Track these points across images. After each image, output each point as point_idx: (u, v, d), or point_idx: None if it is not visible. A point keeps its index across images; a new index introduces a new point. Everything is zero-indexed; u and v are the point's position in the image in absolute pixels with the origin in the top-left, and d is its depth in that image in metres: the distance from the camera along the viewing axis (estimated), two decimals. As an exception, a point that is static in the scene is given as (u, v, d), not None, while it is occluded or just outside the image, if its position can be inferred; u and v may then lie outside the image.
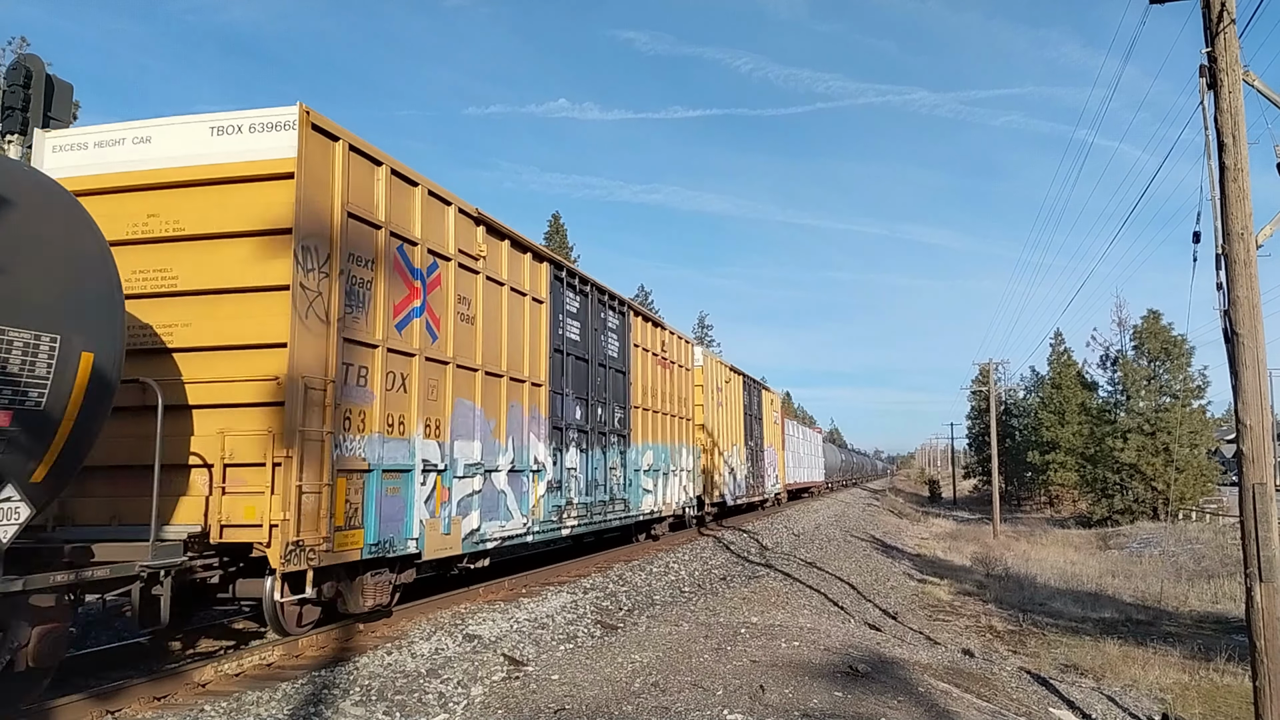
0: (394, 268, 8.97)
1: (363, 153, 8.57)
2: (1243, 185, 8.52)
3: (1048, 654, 16.99)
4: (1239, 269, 8.43)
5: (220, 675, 7.18)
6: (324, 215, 7.95)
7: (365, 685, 7.12)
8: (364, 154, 8.59)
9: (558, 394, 13.02)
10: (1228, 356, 8.63)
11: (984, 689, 10.62)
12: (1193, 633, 18.46)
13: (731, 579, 15.78)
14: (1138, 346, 47.66)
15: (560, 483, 12.94)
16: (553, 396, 12.79)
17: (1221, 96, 8.60)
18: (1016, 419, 76.38)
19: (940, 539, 41.20)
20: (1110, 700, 12.62)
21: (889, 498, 79.14)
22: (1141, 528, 39.71)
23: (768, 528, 26.72)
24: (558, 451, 12.93)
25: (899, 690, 8.04)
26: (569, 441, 13.40)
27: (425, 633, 8.89)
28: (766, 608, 13.50)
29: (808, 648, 9.42)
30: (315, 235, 7.77)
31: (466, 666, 7.82)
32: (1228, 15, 8.57)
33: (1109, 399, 50.63)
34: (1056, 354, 69.51)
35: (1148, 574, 26.36)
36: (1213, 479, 45.59)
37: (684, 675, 7.72)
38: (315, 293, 7.72)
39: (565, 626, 9.98)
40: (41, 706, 5.85)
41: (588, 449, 14.18)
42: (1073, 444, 55.58)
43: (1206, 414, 46.21)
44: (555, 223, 61.83)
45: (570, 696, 6.98)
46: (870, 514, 49.87)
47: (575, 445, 13.64)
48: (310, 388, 7.56)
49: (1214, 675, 14.90)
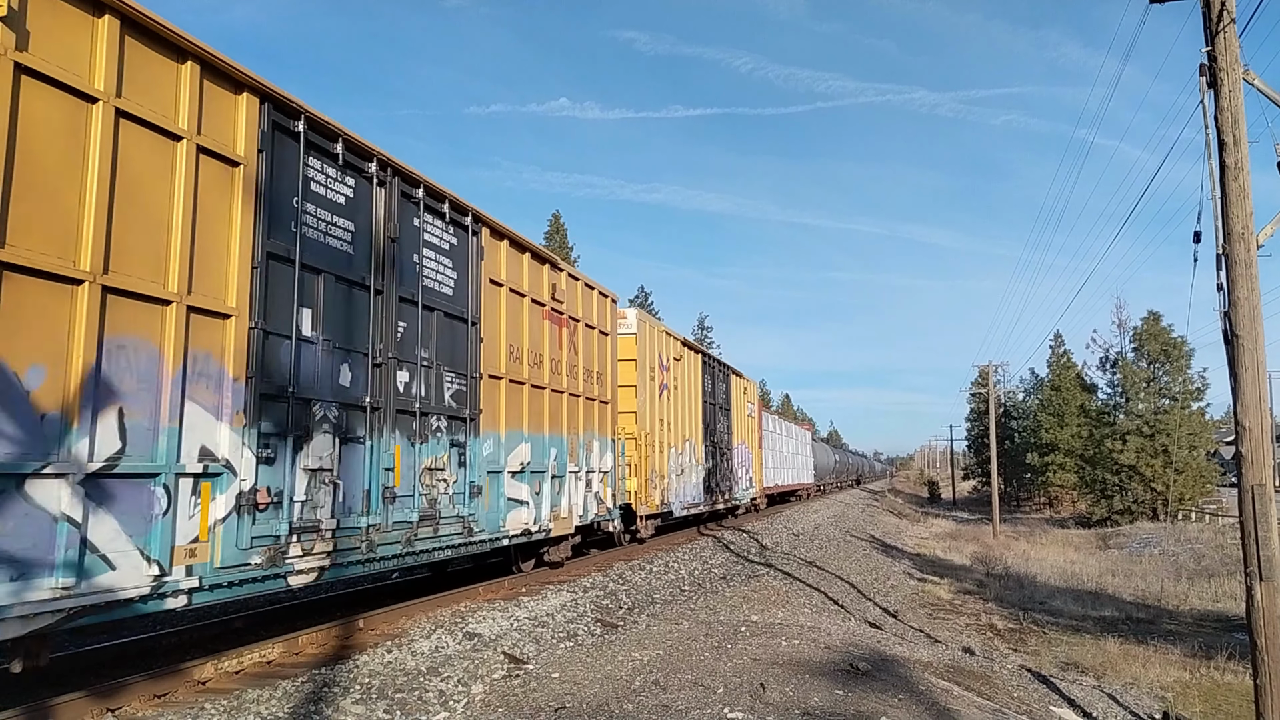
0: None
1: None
2: (1243, 184, 8.52)
3: (1048, 652, 17.01)
4: (1239, 269, 8.44)
5: (220, 673, 7.18)
6: None
7: (365, 683, 7.12)
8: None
9: (279, 338, 7.50)
10: (1227, 359, 8.63)
11: (984, 687, 10.62)
12: (1193, 631, 18.47)
13: (732, 578, 15.78)
14: (1137, 348, 47.67)
15: (283, 495, 7.42)
16: (263, 341, 7.26)
17: (1222, 95, 8.61)
18: (1016, 421, 76.39)
19: (940, 539, 41.20)
20: (1111, 698, 12.62)
21: (888, 498, 79.13)
22: (1141, 528, 39.71)
23: (767, 528, 26.72)
24: (274, 441, 7.37)
25: (900, 688, 8.04)
26: (313, 424, 7.83)
27: (425, 631, 8.90)
28: (767, 606, 13.50)
29: (808, 646, 9.42)
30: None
31: (467, 665, 7.82)
32: (1228, 14, 8.58)
33: (1108, 401, 50.62)
34: (1056, 356, 69.59)
35: (1148, 573, 26.38)
36: (1212, 480, 45.59)
37: (684, 673, 7.72)
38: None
39: (566, 625, 9.98)
40: (42, 704, 5.85)
41: (366, 437, 8.56)
42: (1072, 446, 55.61)
43: (1206, 416, 46.20)
44: (555, 222, 61.85)
45: (571, 695, 6.98)
46: (870, 514, 49.87)
47: (332, 431, 8.06)
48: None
49: (1215, 673, 14.93)
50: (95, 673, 7.28)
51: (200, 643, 8.51)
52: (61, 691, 6.25)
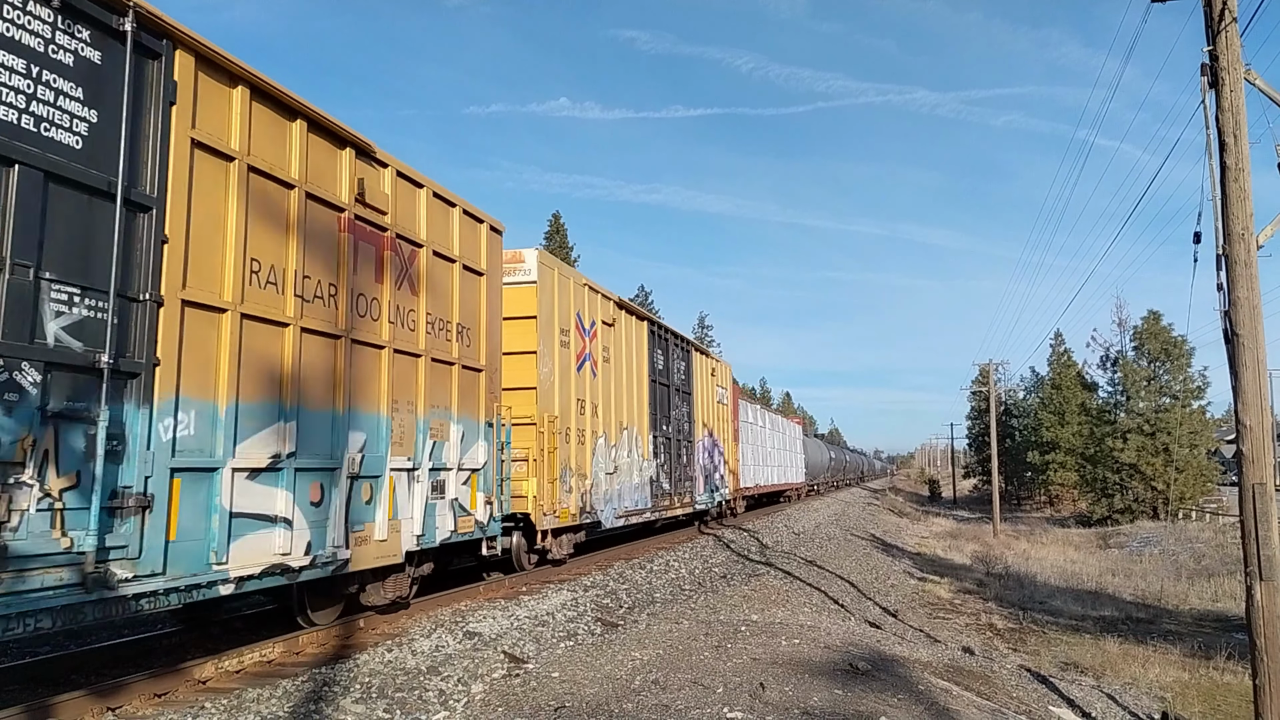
0: None
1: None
2: (1244, 185, 8.52)
3: (1048, 652, 17.01)
4: (1239, 269, 8.44)
5: (221, 672, 7.19)
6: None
7: (366, 683, 7.13)
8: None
9: None
10: (1228, 357, 8.63)
11: (984, 687, 10.62)
12: (1193, 631, 18.47)
13: (732, 577, 15.79)
14: (1138, 347, 47.70)
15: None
16: None
17: (1223, 95, 8.60)
18: (1016, 419, 76.42)
19: (940, 538, 41.22)
20: (1110, 698, 12.63)
21: (889, 497, 79.16)
22: (1141, 527, 39.72)
23: (768, 527, 26.73)
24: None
25: (899, 688, 8.05)
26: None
27: (425, 630, 8.91)
28: (767, 605, 13.52)
29: (808, 645, 9.43)
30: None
31: (467, 664, 7.83)
32: (1229, 13, 8.57)
33: (1109, 399, 50.65)
34: (1057, 354, 69.66)
35: (1148, 572, 26.39)
36: (1212, 479, 45.64)
37: (684, 673, 7.73)
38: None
39: (566, 624, 9.99)
40: (43, 703, 5.86)
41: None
42: (1073, 444, 55.68)
43: (1206, 414, 46.24)
44: (555, 222, 61.90)
45: (571, 694, 6.99)
46: (870, 513, 49.89)
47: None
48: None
49: (1214, 673, 14.93)
50: (96, 672, 7.29)
51: (200, 642, 8.51)
52: (61, 691, 6.26)
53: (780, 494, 40.18)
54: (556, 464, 13.04)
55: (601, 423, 15.31)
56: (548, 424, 12.90)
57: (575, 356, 14.28)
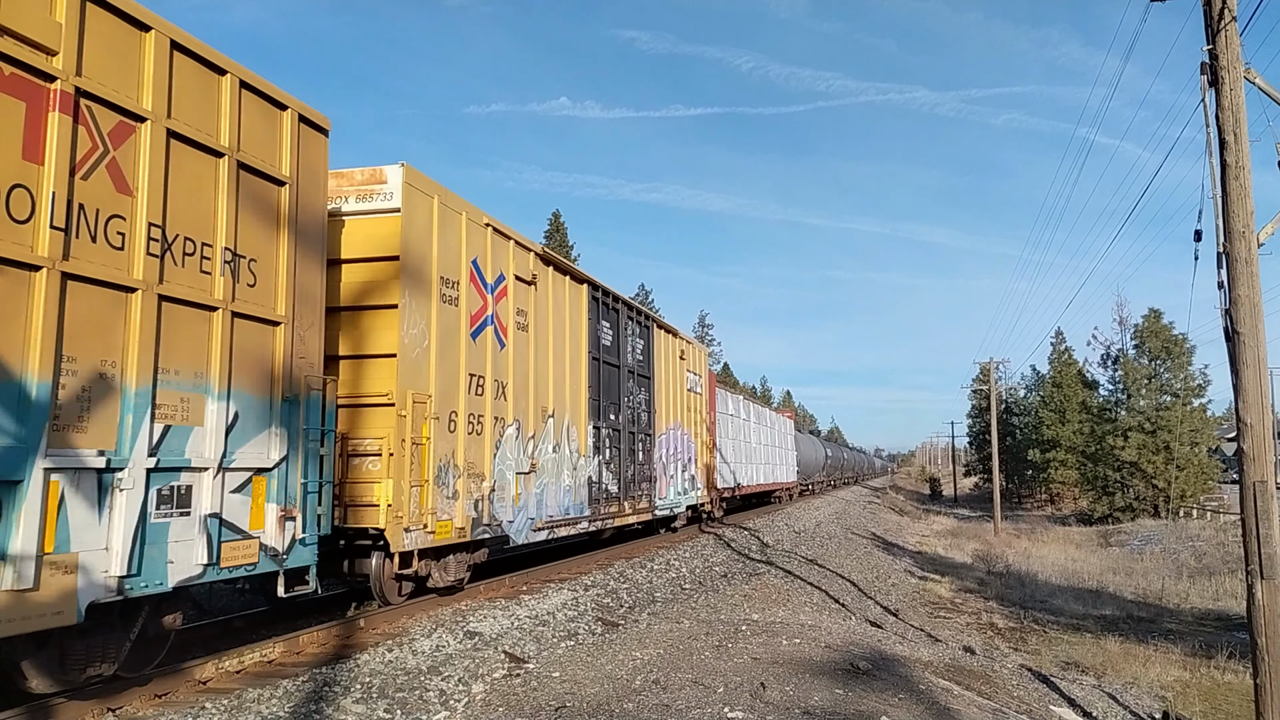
0: None
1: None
2: (1244, 183, 8.51)
3: (1049, 651, 17.02)
4: (1240, 267, 8.43)
5: (221, 672, 7.19)
6: None
7: (366, 683, 7.13)
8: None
9: None
10: (1229, 355, 8.62)
11: (985, 686, 10.62)
12: (1194, 630, 18.48)
13: (732, 576, 15.79)
14: (1138, 345, 47.73)
15: None
16: None
17: (1223, 94, 8.59)
18: (1017, 417, 76.45)
19: (941, 536, 41.23)
20: (1111, 698, 12.63)
21: (890, 495, 79.20)
22: (1142, 525, 39.73)
23: (769, 525, 26.74)
24: None
25: (900, 687, 8.04)
26: None
27: (426, 630, 8.91)
28: (767, 605, 13.52)
29: (809, 645, 9.43)
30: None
31: (467, 664, 7.83)
32: (1229, 12, 8.56)
33: (1110, 397, 50.69)
34: (1057, 353, 69.68)
35: (1149, 571, 26.40)
36: (1213, 477, 45.66)
37: (685, 673, 7.73)
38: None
39: (566, 624, 9.99)
40: (43, 704, 5.86)
41: None
42: (1073, 442, 55.74)
43: (1207, 412, 46.26)
44: (555, 221, 61.86)
45: (571, 694, 6.98)
46: (871, 511, 49.90)
47: None
48: None
49: (1215, 673, 14.93)
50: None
51: (201, 642, 8.52)
52: (61, 691, 6.25)
53: (769, 495, 36.74)
54: (429, 461, 9.64)
55: (513, 408, 11.76)
56: (412, 406, 9.41)
57: (469, 318, 10.74)
